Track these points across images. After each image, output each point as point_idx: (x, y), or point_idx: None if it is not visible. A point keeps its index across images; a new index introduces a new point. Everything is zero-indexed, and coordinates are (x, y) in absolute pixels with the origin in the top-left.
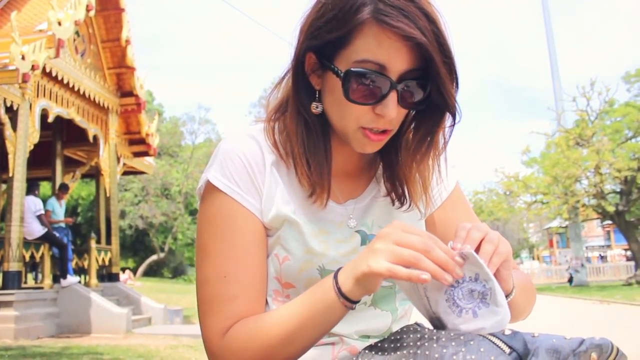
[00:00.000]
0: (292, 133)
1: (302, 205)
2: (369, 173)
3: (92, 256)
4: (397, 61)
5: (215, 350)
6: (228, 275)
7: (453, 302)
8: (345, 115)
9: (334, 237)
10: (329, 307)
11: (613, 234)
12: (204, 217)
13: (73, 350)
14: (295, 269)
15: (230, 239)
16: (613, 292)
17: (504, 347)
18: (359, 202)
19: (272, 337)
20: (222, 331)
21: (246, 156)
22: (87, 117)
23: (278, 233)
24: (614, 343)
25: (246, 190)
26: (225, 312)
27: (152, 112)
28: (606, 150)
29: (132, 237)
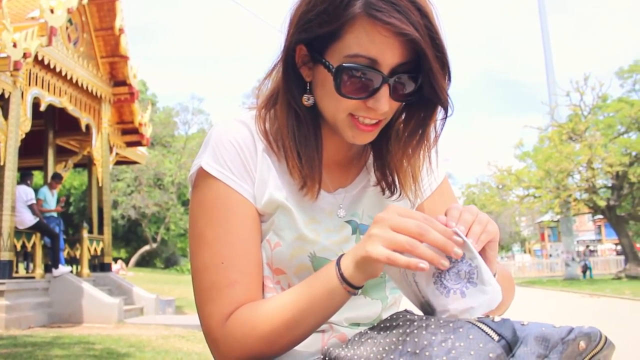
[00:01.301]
0: (282, 126)
1: (294, 193)
2: (359, 162)
3: (84, 246)
4: (389, 56)
5: (217, 337)
6: (225, 261)
7: (441, 283)
8: (337, 108)
9: (324, 226)
10: (331, 292)
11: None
12: (197, 204)
13: (64, 340)
14: (287, 255)
15: (226, 225)
16: (603, 285)
17: (492, 335)
18: (349, 192)
19: (275, 323)
20: (223, 318)
21: (238, 142)
22: (79, 106)
23: (272, 219)
24: (603, 332)
25: (239, 176)
26: (225, 299)
27: (146, 102)
28: (598, 145)
29: (124, 227)
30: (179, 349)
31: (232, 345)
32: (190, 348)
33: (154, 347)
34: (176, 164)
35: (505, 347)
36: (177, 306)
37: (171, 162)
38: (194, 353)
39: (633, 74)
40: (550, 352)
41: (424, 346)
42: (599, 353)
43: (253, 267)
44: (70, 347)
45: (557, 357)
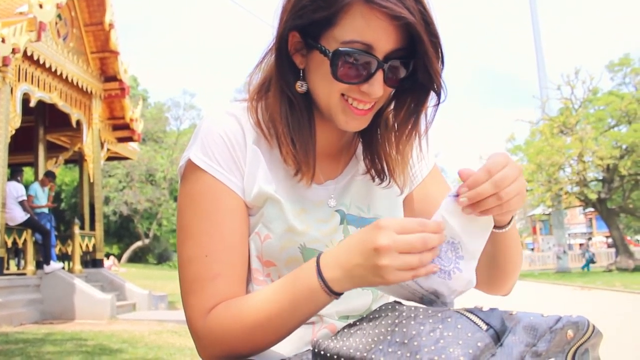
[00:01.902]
0: (275, 112)
1: (284, 184)
2: (348, 153)
3: (75, 242)
4: (384, 41)
5: (198, 331)
6: (210, 254)
7: (441, 271)
8: (330, 91)
9: (315, 216)
10: (313, 299)
11: (595, 221)
12: (185, 197)
13: (57, 336)
14: (277, 247)
15: (212, 218)
16: (594, 278)
17: (481, 324)
18: (338, 182)
19: (254, 320)
20: (205, 311)
21: (227, 134)
22: (70, 102)
23: (261, 211)
24: (590, 321)
25: (228, 169)
26: (208, 291)
27: (137, 98)
28: (589, 138)
29: (116, 223)
30: (172, 344)
31: (211, 340)
32: (182, 343)
33: (147, 343)
34: (168, 160)
35: (494, 336)
36: (169, 302)
37: (163, 158)
38: (186, 348)
39: (623, 67)
40: (538, 341)
41: (412, 336)
42: (586, 342)
43: (237, 260)
44: (63, 344)
45: (545, 345)
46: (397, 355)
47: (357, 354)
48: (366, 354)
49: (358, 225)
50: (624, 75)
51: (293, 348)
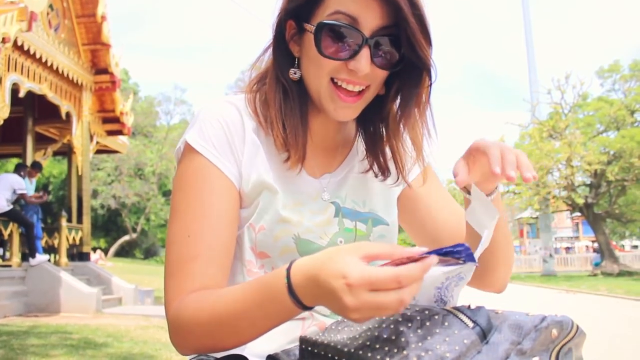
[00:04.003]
0: (270, 99)
1: (280, 175)
2: (345, 149)
3: (62, 235)
4: (369, 15)
5: (171, 314)
6: (192, 235)
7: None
8: (319, 73)
9: (309, 208)
10: (282, 309)
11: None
12: (178, 178)
13: (41, 329)
14: (271, 238)
15: (200, 198)
16: (579, 282)
17: (467, 322)
18: (335, 177)
19: (221, 316)
20: (180, 292)
21: (225, 121)
22: (59, 94)
23: (256, 201)
24: (574, 321)
25: (222, 153)
26: (185, 272)
27: (127, 91)
28: (578, 143)
29: (104, 216)
30: (158, 339)
31: (180, 325)
32: (168, 339)
33: (132, 338)
34: (157, 154)
35: (480, 333)
36: (156, 297)
37: (152, 152)
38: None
39: (613, 73)
40: (523, 339)
41: (399, 332)
42: (570, 341)
43: (219, 243)
44: (47, 337)
45: (530, 344)
46: (384, 351)
47: (344, 349)
48: (353, 349)
49: (353, 218)
50: (614, 82)
51: (282, 343)
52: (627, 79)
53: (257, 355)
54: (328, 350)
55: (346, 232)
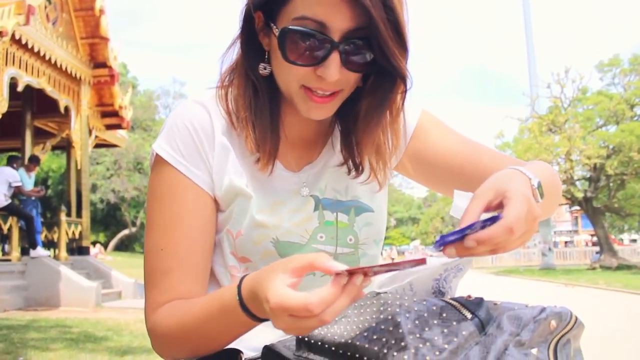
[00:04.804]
0: (240, 96)
1: (254, 176)
2: (325, 138)
3: (62, 229)
4: (337, 19)
5: (148, 324)
6: (165, 248)
7: (439, 291)
8: (289, 78)
9: (288, 206)
10: (239, 322)
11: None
12: (150, 188)
13: (41, 323)
14: (249, 243)
15: (171, 211)
16: (578, 275)
17: (466, 313)
18: (314, 167)
19: (190, 325)
20: (156, 305)
21: (193, 125)
22: (58, 88)
23: (231, 207)
24: (573, 312)
25: (192, 162)
26: (160, 286)
27: (126, 85)
28: (577, 137)
29: (103, 211)
30: None
31: (157, 336)
32: None
33: (132, 331)
34: None
35: (478, 325)
36: None
37: (151, 146)
38: None
39: (612, 67)
40: (522, 331)
41: (397, 323)
42: (569, 332)
43: (194, 256)
44: (47, 331)
45: (528, 335)
46: (382, 342)
47: (341, 340)
48: (351, 340)
49: (334, 209)
50: (613, 76)
51: (278, 335)
52: (626, 73)
53: (253, 348)
54: (325, 341)
55: (326, 225)
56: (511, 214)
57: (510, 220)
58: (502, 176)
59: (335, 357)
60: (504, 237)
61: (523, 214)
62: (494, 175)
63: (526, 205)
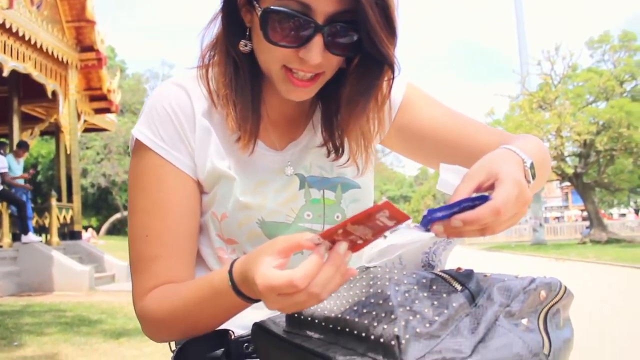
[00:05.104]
0: (220, 73)
1: (237, 157)
2: (307, 117)
3: (53, 214)
4: (322, 1)
5: (137, 311)
6: (150, 234)
7: (429, 264)
8: (269, 58)
9: (273, 186)
10: (231, 304)
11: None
12: (131, 174)
13: (35, 308)
14: (235, 225)
15: (154, 197)
16: (568, 250)
17: (456, 285)
18: (297, 145)
19: (179, 308)
20: (144, 292)
21: (173, 108)
22: (45, 72)
23: (214, 190)
24: (562, 282)
25: (172, 146)
26: (147, 273)
27: (114, 68)
28: (567, 114)
29: (94, 195)
30: None
31: (147, 321)
32: None
33: (126, 314)
34: None
35: (469, 296)
36: None
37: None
38: None
39: (602, 44)
40: (512, 302)
41: (387, 297)
42: (558, 302)
43: (179, 241)
44: (41, 315)
45: (518, 306)
46: (372, 315)
47: (331, 315)
48: (340, 315)
49: (320, 187)
50: (603, 53)
51: (269, 312)
52: (616, 49)
53: (243, 326)
54: (315, 317)
55: (313, 203)
56: (500, 196)
57: (498, 203)
58: (495, 157)
59: (325, 332)
60: (490, 219)
61: (513, 197)
62: (487, 155)
63: (517, 189)
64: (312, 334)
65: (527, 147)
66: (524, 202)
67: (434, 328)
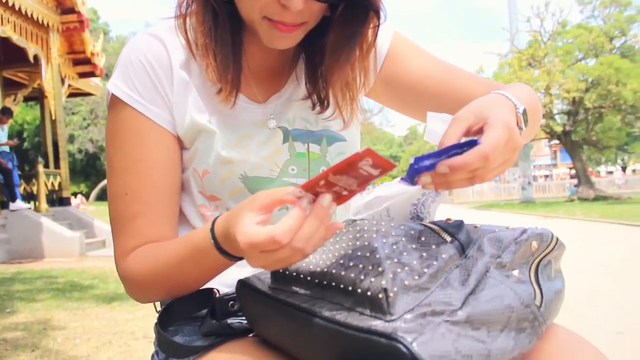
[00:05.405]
0: (199, 23)
1: (218, 110)
2: (290, 69)
3: (40, 181)
4: None
5: (119, 272)
6: (130, 192)
7: (417, 216)
8: (249, 5)
9: (255, 140)
10: (216, 262)
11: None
12: (109, 131)
13: (26, 275)
14: (217, 181)
15: (132, 153)
16: (557, 208)
17: (445, 236)
18: (280, 98)
19: (161, 268)
20: (126, 252)
21: (148, 60)
22: (25, 36)
23: (195, 145)
24: (554, 233)
25: (150, 100)
26: (127, 232)
27: (97, 31)
28: (557, 71)
29: (82, 161)
30: None
31: (130, 282)
32: None
33: (117, 279)
34: None
35: (459, 248)
36: None
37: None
38: None
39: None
40: (503, 253)
41: (374, 249)
42: (550, 253)
43: (160, 199)
44: (32, 282)
45: (509, 257)
46: (359, 268)
47: (317, 269)
48: (326, 269)
49: (305, 140)
50: (593, 8)
51: (252, 269)
52: (606, 5)
53: (228, 284)
54: (300, 272)
55: (298, 157)
56: (489, 140)
57: (487, 148)
58: (485, 101)
59: (311, 287)
60: (478, 165)
61: (502, 142)
62: (478, 99)
63: (507, 133)
64: (297, 289)
65: (519, 93)
66: (513, 147)
67: (423, 280)
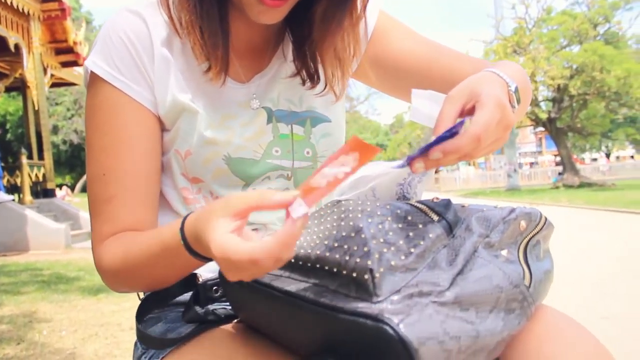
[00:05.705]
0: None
1: (200, 89)
2: (274, 46)
3: (24, 173)
4: None
5: (94, 258)
6: (107, 173)
7: (404, 197)
8: None
9: (239, 120)
10: (188, 262)
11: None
12: (88, 110)
13: (11, 267)
14: (200, 162)
15: (112, 133)
16: (542, 195)
17: (432, 216)
18: (263, 77)
19: (133, 260)
20: (102, 237)
21: (128, 36)
22: (5, 24)
23: (177, 125)
24: (543, 213)
25: (131, 77)
26: (104, 215)
27: (80, 20)
28: (542, 58)
29: (67, 152)
30: None
31: (102, 266)
32: None
33: None
34: None
35: (446, 227)
36: None
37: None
38: None
39: None
40: (491, 232)
41: (359, 229)
42: (538, 233)
43: (139, 181)
44: (17, 275)
45: (498, 236)
46: (344, 249)
47: (300, 251)
48: (310, 250)
49: (289, 121)
50: None
51: None
52: None
53: (211, 269)
54: None
55: (281, 139)
56: (480, 120)
57: (478, 129)
58: (477, 78)
59: (294, 269)
60: (471, 147)
61: (494, 121)
62: (470, 77)
63: (499, 112)
64: (281, 273)
65: (510, 71)
66: (505, 126)
67: (410, 260)
